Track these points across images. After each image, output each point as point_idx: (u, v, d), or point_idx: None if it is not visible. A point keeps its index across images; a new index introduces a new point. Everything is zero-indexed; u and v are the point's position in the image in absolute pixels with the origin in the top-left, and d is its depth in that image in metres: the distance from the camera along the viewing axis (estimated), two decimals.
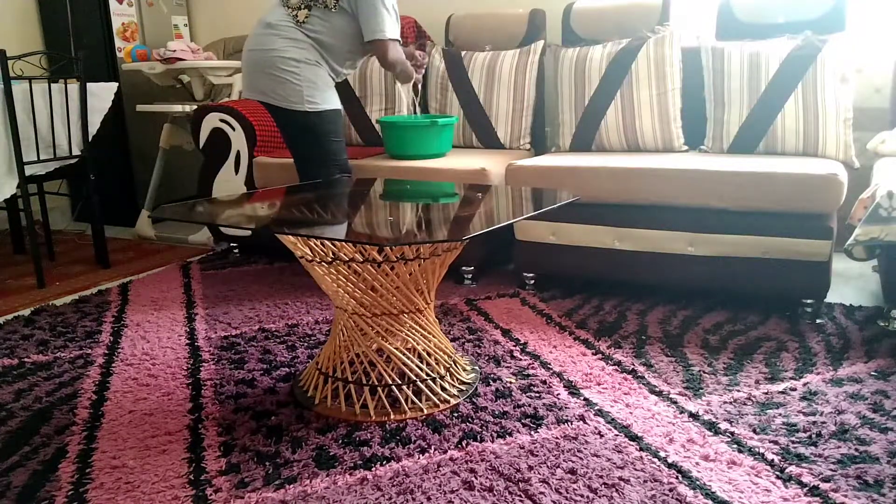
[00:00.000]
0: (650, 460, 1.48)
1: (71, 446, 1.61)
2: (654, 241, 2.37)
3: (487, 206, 1.77)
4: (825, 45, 2.49)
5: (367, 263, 1.65)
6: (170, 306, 2.58)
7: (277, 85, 2.41)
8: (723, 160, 2.39)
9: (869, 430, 1.57)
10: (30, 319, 2.46)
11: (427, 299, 1.77)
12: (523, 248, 2.62)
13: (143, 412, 1.77)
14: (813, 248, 2.17)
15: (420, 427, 1.64)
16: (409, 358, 1.77)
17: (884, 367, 1.89)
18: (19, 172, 2.79)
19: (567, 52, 2.92)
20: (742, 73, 2.59)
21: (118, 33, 3.87)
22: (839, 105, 2.48)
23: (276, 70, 2.40)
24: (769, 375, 1.86)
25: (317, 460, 1.51)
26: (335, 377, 1.77)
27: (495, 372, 1.93)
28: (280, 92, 2.41)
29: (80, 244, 3.67)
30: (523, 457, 1.50)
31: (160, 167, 3.77)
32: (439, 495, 1.38)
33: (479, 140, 3.14)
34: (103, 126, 3.20)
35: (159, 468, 1.51)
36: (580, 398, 1.77)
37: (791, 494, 1.35)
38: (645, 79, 2.73)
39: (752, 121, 2.57)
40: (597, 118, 2.82)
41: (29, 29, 4.07)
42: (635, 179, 2.36)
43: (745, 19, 2.75)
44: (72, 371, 2.02)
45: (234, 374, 1.96)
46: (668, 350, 2.05)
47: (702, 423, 1.62)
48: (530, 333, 2.21)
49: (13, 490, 1.45)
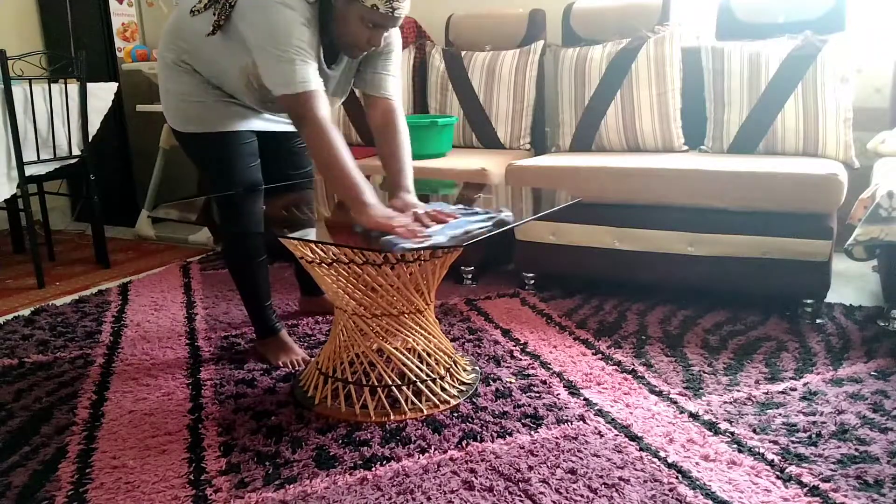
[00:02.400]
0: (650, 460, 1.48)
1: (71, 446, 1.61)
2: (654, 241, 2.37)
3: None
4: (825, 45, 2.49)
5: (368, 265, 1.65)
6: (170, 306, 2.58)
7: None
8: (723, 160, 2.39)
9: (869, 430, 1.57)
10: (30, 319, 2.46)
11: (427, 300, 1.77)
12: (523, 248, 2.62)
13: (143, 412, 1.77)
14: (813, 248, 2.17)
15: (420, 427, 1.64)
16: (409, 358, 1.77)
17: (884, 367, 1.89)
18: (19, 172, 2.79)
19: (567, 52, 2.92)
20: (742, 73, 2.59)
21: (118, 33, 3.87)
22: (839, 105, 2.48)
23: None
24: (769, 375, 1.86)
25: (317, 460, 1.51)
26: (335, 377, 1.77)
27: (495, 372, 1.93)
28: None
29: (80, 244, 3.67)
30: (523, 457, 1.50)
31: (160, 167, 3.77)
32: (439, 495, 1.38)
33: (479, 140, 3.14)
34: (103, 126, 3.20)
35: (159, 468, 1.51)
36: (580, 398, 1.77)
37: (791, 494, 1.35)
38: (645, 79, 2.73)
39: (752, 121, 2.57)
40: (597, 118, 2.81)
41: (29, 29, 4.07)
42: (635, 179, 2.36)
43: (745, 19, 2.75)
44: (72, 371, 2.02)
45: (234, 374, 1.96)
46: (668, 350, 2.05)
47: (702, 423, 1.62)
48: (530, 333, 2.20)
49: (13, 490, 1.45)
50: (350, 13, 1.61)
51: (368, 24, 1.61)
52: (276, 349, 2.04)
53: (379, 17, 1.60)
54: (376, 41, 1.67)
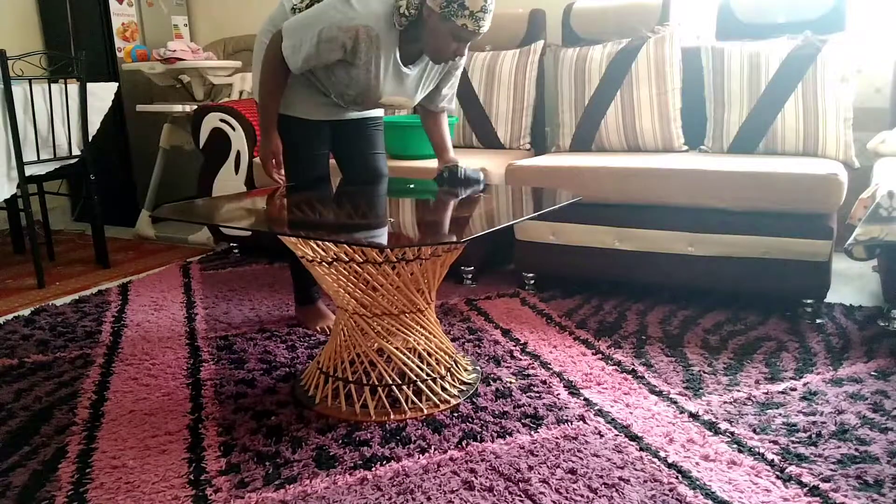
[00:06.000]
0: (650, 460, 1.48)
1: (71, 446, 1.61)
2: (654, 241, 2.37)
3: (488, 207, 1.77)
4: (825, 45, 2.49)
5: (368, 264, 1.65)
6: (170, 306, 2.58)
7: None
8: (723, 160, 2.39)
9: (869, 430, 1.57)
10: (30, 319, 2.46)
11: (428, 299, 1.77)
12: (523, 248, 2.62)
13: (143, 412, 1.77)
14: (813, 248, 2.17)
15: (420, 427, 1.64)
16: (410, 358, 1.77)
17: (884, 367, 1.89)
18: (19, 172, 2.79)
19: (567, 52, 2.92)
20: (742, 73, 2.59)
21: (118, 33, 3.87)
22: (839, 105, 2.48)
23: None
24: (769, 375, 1.86)
25: (317, 460, 1.51)
26: (336, 377, 1.77)
27: (495, 372, 1.93)
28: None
29: (80, 244, 3.67)
30: (523, 457, 1.50)
31: (160, 167, 3.77)
32: (439, 495, 1.38)
33: (479, 140, 3.13)
34: (103, 126, 3.20)
35: (159, 468, 1.51)
36: (580, 398, 1.77)
37: (791, 494, 1.35)
38: (645, 79, 2.73)
39: (752, 121, 2.57)
40: (597, 118, 2.81)
41: (29, 29, 4.07)
42: (635, 179, 2.36)
43: (745, 19, 2.75)
44: (72, 371, 2.02)
45: (234, 374, 1.96)
46: (668, 350, 2.05)
47: (702, 423, 1.62)
48: (530, 333, 2.21)
49: (13, 490, 1.45)
50: (442, 29, 1.80)
51: (456, 39, 1.82)
52: (313, 316, 2.33)
53: (467, 34, 1.80)
54: (462, 52, 1.91)
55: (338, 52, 1.86)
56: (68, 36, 3.95)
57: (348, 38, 1.83)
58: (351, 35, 1.83)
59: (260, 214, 1.79)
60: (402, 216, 1.72)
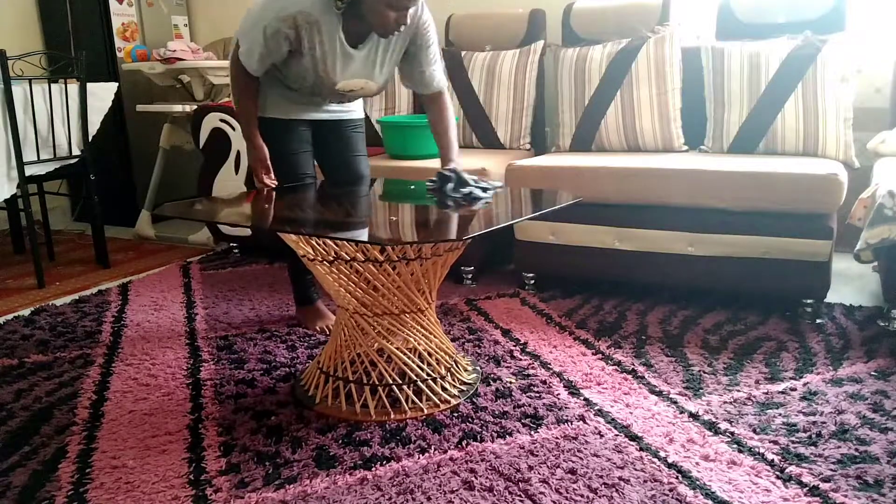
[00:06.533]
0: (650, 460, 1.48)
1: (71, 446, 1.61)
2: (654, 241, 2.37)
3: (488, 207, 1.77)
4: (825, 45, 2.49)
5: (369, 263, 1.65)
6: (170, 306, 2.58)
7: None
8: (723, 160, 2.39)
9: (869, 430, 1.57)
10: (30, 319, 2.46)
11: (428, 299, 1.77)
12: (523, 247, 2.62)
13: (143, 412, 1.77)
14: (813, 248, 2.17)
15: (420, 427, 1.64)
16: (410, 358, 1.77)
17: (884, 367, 1.89)
18: (19, 172, 2.79)
19: (567, 52, 2.92)
20: (742, 73, 2.59)
21: (118, 33, 3.87)
22: (839, 105, 2.48)
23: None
24: (769, 375, 1.86)
25: (317, 460, 1.51)
26: (336, 376, 1.77)
27: (495, 372, 1.93)
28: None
29: (80, 244, 3.67)
30: (523, 457, 1.50)
31: (160, 167, 3.77)
32: (439, 495, 1.38)
33: (479, 140, 3.14)
34: (103, 126, 3.20)
35: (159, 468, 1.51)
36: (580, 398, 1.77)
37: (791, 494, 1.35)
38: (645, 79, 2.73)
39: (752, 121, 2.57)
40: (597, 118, 2.81)
41: (29, 29, 4.07)
42: (635, 179, 2.36)
43: (745, 19, 2.75)
44: (72, 371, 2.02)
45: (234, 374, 1.96)
46: (668, 350, 2.05)
47: (702, 423, 1.62)
48: (530, 333, 2.20)
49: (13, 490, 1.45)
50: (377, 4, 1.82)
51: (394, 9, 1.83)
52: (313, 316, 2.33)
53: (402, 2, 1.81)
54: (404, 20, 1.88)
55: (285, 44, 1.91)
56: (68, 36, 3.95)
57: (288, 27, 1.87)
58: (290, 24, 1.86)
59: (261, 213, 1.80)
60: (402, 216, 1.72)
